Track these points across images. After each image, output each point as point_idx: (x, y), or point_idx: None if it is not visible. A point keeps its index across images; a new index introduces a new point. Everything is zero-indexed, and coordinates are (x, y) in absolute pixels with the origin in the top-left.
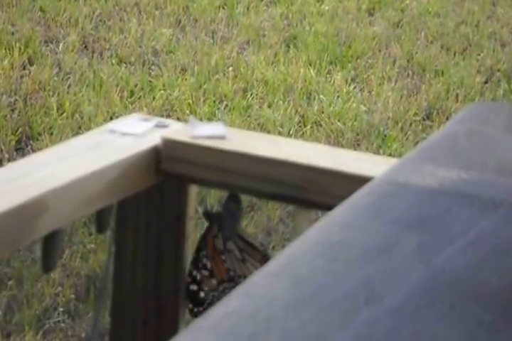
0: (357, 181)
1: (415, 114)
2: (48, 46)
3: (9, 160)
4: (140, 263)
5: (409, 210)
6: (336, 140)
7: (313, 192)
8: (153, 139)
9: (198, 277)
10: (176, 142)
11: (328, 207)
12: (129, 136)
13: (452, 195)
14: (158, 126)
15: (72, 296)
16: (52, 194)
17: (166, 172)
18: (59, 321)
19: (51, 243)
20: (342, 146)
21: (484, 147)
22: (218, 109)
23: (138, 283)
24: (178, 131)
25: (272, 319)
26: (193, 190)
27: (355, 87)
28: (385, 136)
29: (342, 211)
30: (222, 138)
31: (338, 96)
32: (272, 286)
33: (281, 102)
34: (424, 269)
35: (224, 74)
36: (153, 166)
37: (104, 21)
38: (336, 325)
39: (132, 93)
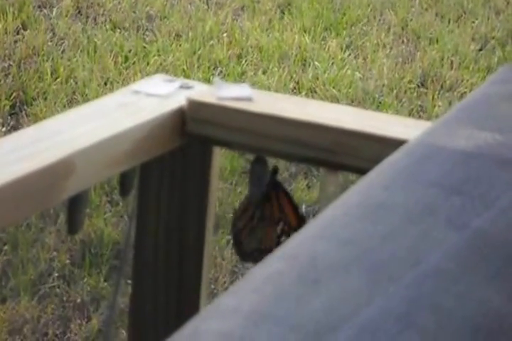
0: (387, 143)
1: (410, 81)
2: (41, 11)
3: (3, 126)
4: (163, 227)
5: (449, 172)
6: None
7: (343, 154)
8: (179, 100)
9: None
10: (201, 103)
11: (358, 170)
12: (154, 97)
13: (490, 158)
14: (182, 87)
15: (68, 261)
16: (80, 155)
17: (191, 134)
18: (54, 286)
19: (77, 204)
20: None
21: None
22: (213, 75)
23: (160, 247)
24: (203, 92)
25: (318, 281)
26: (218, 153)
27: (349, 54)
28: (380, 102)
29: (381, 173)
30: (248, 99)
31: (332, 63)
32: (314, 248)
33: (275, 69)
34: (467, 231)
35: (218, 41)
36: (178, 128)
37: None
38: (382, 288)
39: (126, 58)
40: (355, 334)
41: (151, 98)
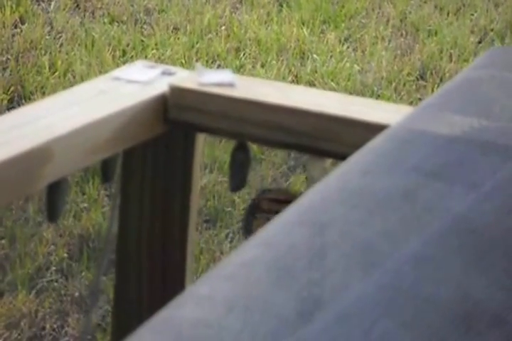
0: (370, 129)
1: (409, 74)
2: (39, 5)
3: None
4: (146, 214)
5: (429, 157)
6: None
7: (326, 140)
8: (160, 87)
9: None
10: (183, 89)
11: (341, 156)
12: (135, 83)
13: (471, 143)
14: (164, 73)
15: (65, 255)
16: (58, 141)
17: (174, 120)
18: (52, 280)
19: (56, 191)
20: None
21: (504, 94)
22: (211, 68)
23: (144, 234)
24: (185, 78)
25: (293, 268)
26: (201, 139)
27: (348, 47)
28: (379, 95)
29: (361, 158)
30: (230, 85)
31: (331, 56)
32: (291, 234)
33: (274, 62)
34: (448, 216)
35: (217, 34)
36: (160, 114)
37: None
38: (359, 275)
39: (124, 52)
40: (331, 322)
41: (133, 84)
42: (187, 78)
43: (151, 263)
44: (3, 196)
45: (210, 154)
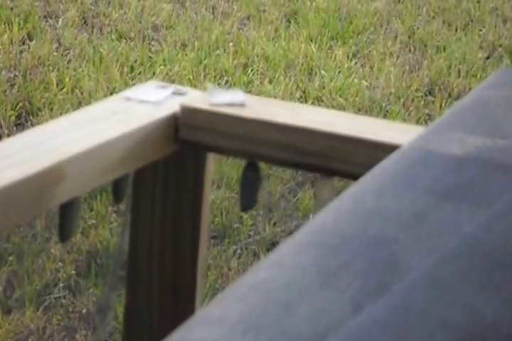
0: (380, 149)
1: (417, 90)
2: (47, 21)
3: (9, 136)
4: (157, 233)
5: (441, 178)
6: None
7: (336, 160)
8: (172, 107)
9: None
10: (194, 110)
11: (351, 175)
12: (147, 103)
13: (483, 163)
14: (175, 93)
15: (73, 272)
16: (70, 161)
17: (184, 140)
18: (60, 297)
19: (68, 211)
20: None
21: None
22: (219, 84)
23: (154, 254)
24: (196, 98)
25: (306, 288)
26: (212, 158)
27: (356, 63)
28: (387, 111)
29: (373, 178)
30: (241, 105)
31: (339, 72)
32: (303, 255)
33: (282, 78)
34: (459, 238)
35: (224, 50)
36: (172, 134)
37: None
38: (372, 295)
39: (132, 68)
40: None
41: (144, 104)
42: (198, 98)
43: (161, 280)
44: (16, 215)
45: (218, 170)
